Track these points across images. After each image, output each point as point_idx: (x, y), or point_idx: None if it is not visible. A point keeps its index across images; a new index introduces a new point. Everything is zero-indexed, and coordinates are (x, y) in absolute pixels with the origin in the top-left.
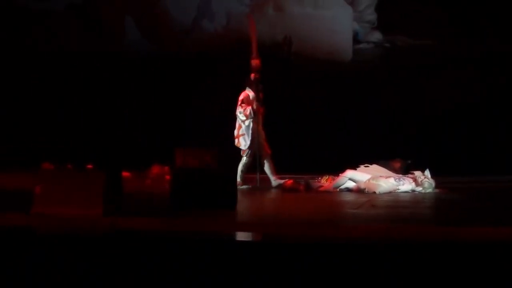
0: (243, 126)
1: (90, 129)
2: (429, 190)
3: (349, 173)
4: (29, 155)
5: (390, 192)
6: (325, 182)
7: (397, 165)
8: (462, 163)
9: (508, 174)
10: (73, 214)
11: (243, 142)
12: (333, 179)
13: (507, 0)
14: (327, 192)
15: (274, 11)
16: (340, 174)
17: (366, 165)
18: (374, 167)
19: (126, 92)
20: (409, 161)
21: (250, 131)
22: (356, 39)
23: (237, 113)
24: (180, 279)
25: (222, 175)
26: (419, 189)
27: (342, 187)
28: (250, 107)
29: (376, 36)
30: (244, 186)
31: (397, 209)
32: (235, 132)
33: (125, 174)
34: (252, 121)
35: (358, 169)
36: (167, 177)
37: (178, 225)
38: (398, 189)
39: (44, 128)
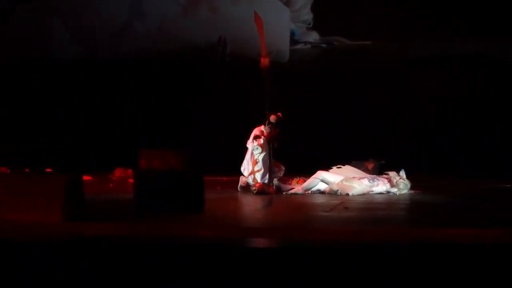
0: (260, 161)
1: (49, 131)
2: (405, 191)
3: (321, 174)
4: None
5: (364, 194)
6: (296, 184)
7: (371, 165)
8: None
9: (490, 176)
10: (31, 220)
11: (259, 177)
12: (304, 181)
13: None
14: (298, 194)
15: (209, 11)
16: (311, 176)
17: (338, 166)
18: (347, 168)
19: (87, 95)
20: (383, 161)
21: (267, 164)
22: (293, 40)
23: (252, 149)
24: (145, 286)
25: (189, 177)
26: (394, 190)
27: (314, 189)
28: (262, 138)
29: (313, 36)
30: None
31: (371, 211)
32: (249, 167)
33: (86, 177)
34: (265, 153)
35: (330, 170)
36: (131, 180)
37: (143, 230)
38: (372, 190)
39: None
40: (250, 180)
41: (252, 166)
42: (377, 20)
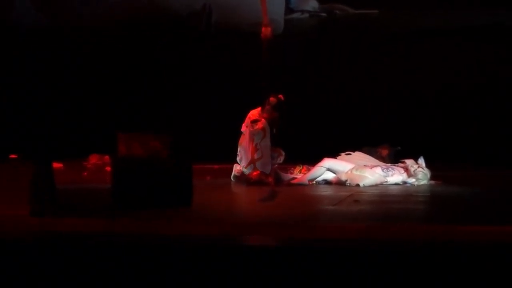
0: (260, 148)
1: (12, 110)
2: (424, 182)
3: (327, 162)
4: None
5: (376, 185)
6: (298, 173)
7: (385, 152)
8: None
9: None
10: None
11: (261, 166)
12: (308, 170)
13: None
14: (300, 185)
15: None
16: (316, 164)
17: (347, 152)
18: (358, 155)
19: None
20: (399, 147)
21: (269, 152)
22: (288, 8)
23: (251, 134)
24: None
25: (175, 165)
26: (412, 180)
27: (319, 179)
28: (264, 122)
29: (311, 4)
30: None
31: (385, 204)
32: (247, 155)
33: (57, 165)
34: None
35: (338, 157)
36: (108, 168)
37: (122, 227)
38: (386, 181)
39: None
40: (248, 170)
41: (252, 154)
42: None
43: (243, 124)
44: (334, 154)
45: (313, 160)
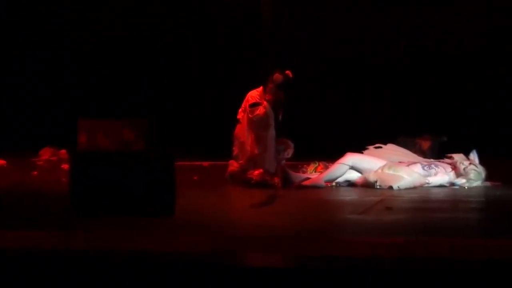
0: (264, 139)
1: None
2: (477, 183)
3: (351, 158)
4: None
5: (415, 187)
6: (313, 172)
7: (426, 144)
8: None
9: None
10: None
11: (264, 162)
12: (326, 168)
13: None
14: (316, 187)
15: None
16: (337, 161)
17: (377, 145)
18: (390, 148)
19: None
20: (444, 138)
21: (274, 144)
22: None
23: (250, 121)
24: None
25: (153, 162)
26: (462, 181)
27: (340, 179)
28: (265, 105)
29: None
30: None
31: (426, 213)
32: (245, 149)
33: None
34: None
35: (364, 152)
36: (65, 166)
37: (82, 241)
38: (428, 182)
39: None
40: (248, 168)
41: (251, 147)
42: None
43: (240, 110)
44: (359, 148)
45: (333, 156)
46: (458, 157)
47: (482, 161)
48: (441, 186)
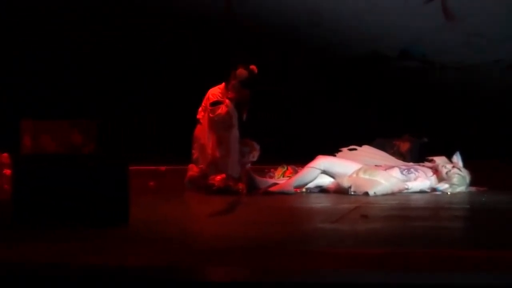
0: (226, 141)
1: None
2: (461, 188)
3: (322, 161)
4: None
5: (393, 193)
6: (281, 177)
7: (405, 146)
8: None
9: None
10: None
11: (227, 166)
12: (295, 172)
13: None
14: (284, 193)
15: None
16: (307, 164)
17: (351, 147)
18: (366, 150)
19: None
20: (425, 139)
21: (237, 146)
22: None
23: (211, 121)
24: None
25: (104, 166)
26: (444, 186)
27: (311, 185)
28: (227, 104)
29: None
30: None
31: (406, 222)
32: (207, 153)
33: None
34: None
35: (337, 154)
36: (6, 171)
37: (25, 254)
38: (408, 187)
39: None
40: (209, 172)
41: (213, 150)
42: None
43: (200, 109)
44: (332, 150)
45: (303, 159)
46: (440, 160)
47: (466, 164)
48: (421, 192)
